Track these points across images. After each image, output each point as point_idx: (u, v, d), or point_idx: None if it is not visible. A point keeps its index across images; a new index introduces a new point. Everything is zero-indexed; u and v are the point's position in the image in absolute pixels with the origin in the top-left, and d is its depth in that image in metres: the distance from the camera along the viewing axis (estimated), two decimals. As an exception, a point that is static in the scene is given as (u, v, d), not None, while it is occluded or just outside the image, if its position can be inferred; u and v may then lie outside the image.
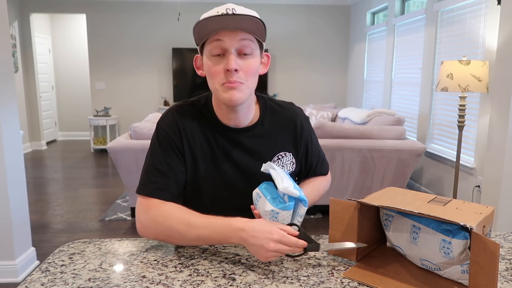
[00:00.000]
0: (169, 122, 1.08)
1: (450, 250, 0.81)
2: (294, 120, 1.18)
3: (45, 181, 4.86)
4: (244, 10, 1.01)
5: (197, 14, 6.58)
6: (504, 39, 2.38)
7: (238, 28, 0.98)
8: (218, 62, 1.00)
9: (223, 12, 0.98)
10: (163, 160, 1.05)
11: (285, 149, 1.16)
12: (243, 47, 1.00)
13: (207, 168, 1.10)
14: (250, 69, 1.01)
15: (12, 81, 2.42)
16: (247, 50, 1.01)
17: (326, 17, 6.84)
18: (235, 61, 0.98)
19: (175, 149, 1.06)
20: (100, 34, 6.65)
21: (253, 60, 1.02)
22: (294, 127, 1.17)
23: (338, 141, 3.36)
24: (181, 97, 6.73)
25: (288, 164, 1.16)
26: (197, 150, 1.09)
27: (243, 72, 1.00)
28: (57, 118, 7.75)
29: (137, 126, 3.39)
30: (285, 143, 1.16)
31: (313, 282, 0.85)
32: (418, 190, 4.05)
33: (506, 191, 2.39)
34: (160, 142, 1.07)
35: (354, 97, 6.63)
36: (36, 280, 0.85)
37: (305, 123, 1.20)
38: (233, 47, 0.99)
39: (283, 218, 0.95)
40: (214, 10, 1.00)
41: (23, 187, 2.51)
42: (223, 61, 1.00)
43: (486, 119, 3.12)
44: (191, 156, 1.09)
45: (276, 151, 1.14)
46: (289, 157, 1.16)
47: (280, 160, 1.15)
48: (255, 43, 1.02)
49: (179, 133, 1.07)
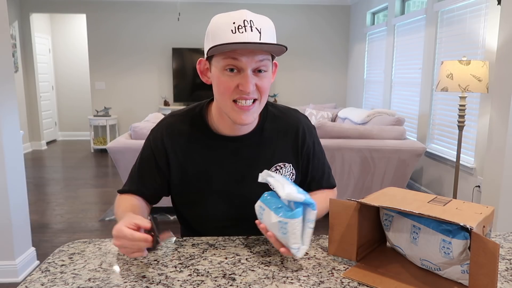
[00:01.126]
0: (156, 139, 1.11)
1: (450, 250, 0.81)
2: (296, 127, 1.11)
3: (45, 181, 4.86)
4: (262, 21, 0.94)
5: (197, 14, 6.59)
6: (504, 39, 2.38)
7: (260, 49, 0.93)
8: (232, 78, 0.95)
9: (243, 30, 0.90)
10: (140, 170, 1.13)
11: (285, 159, 1.10)
12: (260, 66, 0.95)
13: (199, 180, 1.08)
14: (265, 86, 0.97)
15: (12, 81, 2.41)
16: (264, 68, 0.97)
17: (326, 17, 6.84)
18: (252, 82, 0.94)
19: (153, 166, 1.10)
20: (100, 34, 6.65)
21: (268, 77, 0.99)
22: (296, 135, 1.11)
23: (338, 141, 3.36)
24: (181, 97, 6.73)
25: (287, 176, 1.11)
26: (187, 164, 1.08)
27: (257, 89, 0.97)
28: (57, 118, 7.75)
29: (137, 126, 3.39)
30: (285, 152, 1.10)
31: (313, 282, 0.85)
32: (418, 190, 4.05)
33: (506, 191, 2.39)
34: (143, 154, 1.14)
35: (354, 97, 6.63)
36: (36, 280, 0.85)
37: (308, 131, 1.13)
38: (250, 67, 0.94)
39: (293, 227, 0.86)
40: (231, 21, 0.92)
41: (23, 187, 2.51)
42: (237, 78, 0.94)
43: (486, 119, 3.12)
44: (180, 170, 1.09)
45: (274, 161, 1.09)
46: (288, 168, 1.10)
47: (279, 171, 1.09)
48: (269, 59, 0.98)
49: (164, 151, 1.09)
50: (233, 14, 0.93)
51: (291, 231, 0.86)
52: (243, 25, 0.90)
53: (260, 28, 0.92)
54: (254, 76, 0.95)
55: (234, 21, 0.91)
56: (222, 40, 0.91)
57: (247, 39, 0.90)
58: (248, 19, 0.91)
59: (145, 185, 1.12)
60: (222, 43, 0.90)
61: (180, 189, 1.12)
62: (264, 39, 0.92)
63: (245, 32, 0.90)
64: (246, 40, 0.90)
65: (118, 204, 1.10)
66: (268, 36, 0.93)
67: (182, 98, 6.74)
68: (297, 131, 1.11)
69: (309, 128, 1.14)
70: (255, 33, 0.91)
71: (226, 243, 1.04)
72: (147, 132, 3.38)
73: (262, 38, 0.91)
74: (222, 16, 0.95)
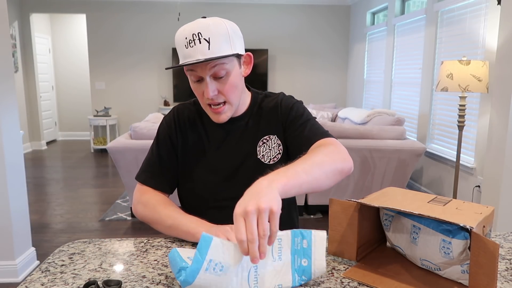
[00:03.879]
0: (169, 118, 1.22)
1: (450, 250, 0.81)
2: (276, 101, 1.19)
3: (45, 181, 4.86)
4: (210, 30, 1.00)
5: (197, 14, 6.59)
6: (504, 39, 2.38)
7: (204, 62, 1.01)
8: (198, 86, 1.07)
9: (193, 44, 1.00)
10: (159, 152, 1.19)
11: (269, 132, 1.17)
12: (216, 73, 1.04)
13: (198, 160, 1.18)
14: (229, 88, 1.06)
15: (12, 81, 2.42)
16: (222, 73, 1.04)
17: (326, 17, 6.84)
18: (211, 89, 1.04)
19: (168, 144, 1.18)
20: (100, 34, 6.65)
21: (231, 78, 1.06)
22: (275, 108, 1.18)
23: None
24: (181, 97, 6.73)
25: (274, 148, 1.16)
26: (190, 142, 1.19)
27: (222, 92, 1.06)
28: (57, 118, 7.75)
29: (137, 126, 3.39)
30: (268, 126, 1.17)
31: (313, 282, 0.85)
32: (418, 190, 4.05)
33: (506, 191, 2.39)
34: (159, 135, 1.21)
35: (354, 97, 6.63)
36: (36, 280, 0.85)
37: (285, 100, 1.19)
38: (207, 75, 1.04)
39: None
40: (183, 36, 1.01)
41: (23, 187, 2.51)
42: (202, 86, 1.06)
43: (486, 119, 3.12)
44: (184, 148, 1.19)
45: (260, 135, 1.17)
46: (274, 139, 1.17)
47: (266, 145, 1.16)
48: (229, 60, 1.04)
49: (175, 128, 1.19)
50: (187, 26, 1.03)
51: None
52: (192, 39, 1.00)
53: (209, 38, 1.00)
54: (215, 82, 1.05)
55: (186, 36, 1.01)
56: (181, 56, 1.04)
57: (196, 51, 1.00)
58: (196, 31, 1.00)
59: (168, 167, 1.18)
60: (180, 58, 1.05)
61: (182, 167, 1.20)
62: (214, 47, 1.00)
63: (195, 46, 1.00)
64: (196, 52, 1.00)
65: (158, 201, 1.12)
66: (218, 44, 1.01)
67: (182, 98, 6.74)
68: (276, 104, 1.19)
69: (286, 98, 1.21)
70: (204, 44, 1.00)
71: (226, 243, 1.04)
72: (147, 132, 3.39)
73: (211, 47, 1.00)
74: (180, 31, 1.04)
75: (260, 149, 1.16)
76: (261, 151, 1.16)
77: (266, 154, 1.16)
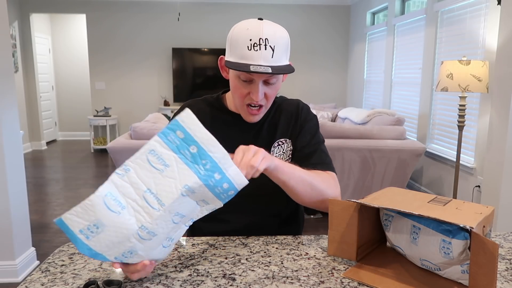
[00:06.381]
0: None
1: (450, 250, 0.81)
2: (296, 105, 1.22)
3: (45, 181, 4.86)
4: (276, 38, 1.00)
5: (197, 14, 6.59)
6: (504, 39, 2.38)
7: (268, 74, 1.01)
8: (245, 86, 1.06)
9: (258, 48, 0.98)
10: None
11: (285, 135, 1.19)
12: (270, 79, 1.06)
13: None
14: (272, 95, 1.09)
15: (12, 81, 2.41)
16: (274, 80, 1.07)
17: (326, 17, 6.85)
18: (261, 92, 1.05)
19: None
20: (100, 34, 6.65)
21: (277, 84, 1.09)
22: (296, 113, 1.20)
23: (338, 141, 3.36)
24: (181, 97, 6.73)
25: (286, 152, 1.18)
26: None
27: (267, 97, 1.09)
28: (57, 118, 7.75)
29: (137, 126, 3.39)
30: (286, 129, 1.19)
31: (313, 282, 0.85)
32: (418, 190, 4.05)
33: (506, 191, 2.39)
34: None
35: (354, 97, 6.63)
36: (36, 280, 0.85)
37: (306, 109, 1.22)
38: (261, 79, 1.04)
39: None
40: (248, 37, 0.99)
41: (23, 187, 2.51)
42: (249, 87, 1.06)
43: (486, 119, 3.12)
44: None
45: (277, 137, 1.18)
46: (288, 143, 1.18)
47: (280, 147, 1.18)
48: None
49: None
50: (252, 28, 1.00)
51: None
52: (258, 43, 0.99)
53: (274, 46, 1.00)
54: (264, 86, 1.06)
55: (250, 38, 0.99)
56: (238, 55, 1.01)
57: (260, 57, 0.99)
58: (263, 37, 0.99)
59: None
60: (233, 55, 1.02)
61: None
62: (276, 56, 1.00)
63: (259, 50, 0.99)
64: (260, 57, 0.99)
65: None
66: (280, 53, 1.01)
67: (182, 98, 6.74)
68: (297, 109, 1.21)
69: (307, 108, 1.24)
70: (268, 51, 0.99)
71: (226, 243, 1.04)
72: (147, 132, 3.39)
73: (275, 56, 1.00)
74: (241, 29, 1.01)
75: (274, 149, 1.17)
76: (275, 152, 1.17)
77: (279, 157, 1.16)
